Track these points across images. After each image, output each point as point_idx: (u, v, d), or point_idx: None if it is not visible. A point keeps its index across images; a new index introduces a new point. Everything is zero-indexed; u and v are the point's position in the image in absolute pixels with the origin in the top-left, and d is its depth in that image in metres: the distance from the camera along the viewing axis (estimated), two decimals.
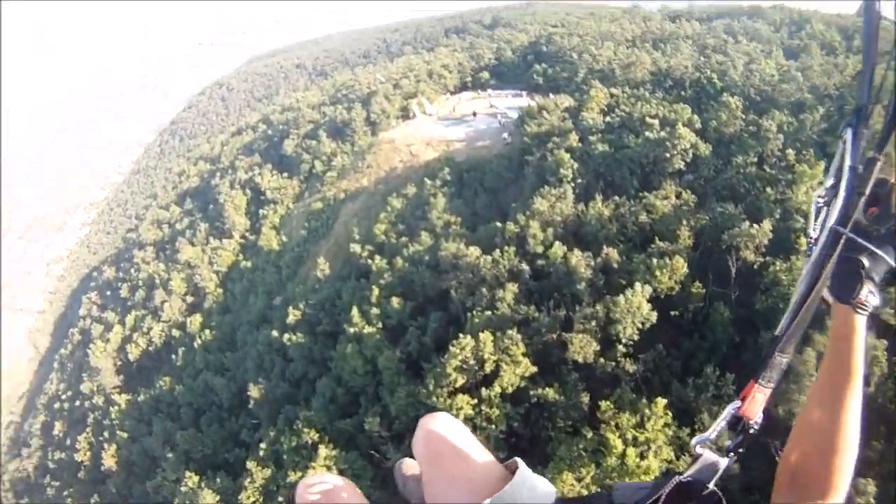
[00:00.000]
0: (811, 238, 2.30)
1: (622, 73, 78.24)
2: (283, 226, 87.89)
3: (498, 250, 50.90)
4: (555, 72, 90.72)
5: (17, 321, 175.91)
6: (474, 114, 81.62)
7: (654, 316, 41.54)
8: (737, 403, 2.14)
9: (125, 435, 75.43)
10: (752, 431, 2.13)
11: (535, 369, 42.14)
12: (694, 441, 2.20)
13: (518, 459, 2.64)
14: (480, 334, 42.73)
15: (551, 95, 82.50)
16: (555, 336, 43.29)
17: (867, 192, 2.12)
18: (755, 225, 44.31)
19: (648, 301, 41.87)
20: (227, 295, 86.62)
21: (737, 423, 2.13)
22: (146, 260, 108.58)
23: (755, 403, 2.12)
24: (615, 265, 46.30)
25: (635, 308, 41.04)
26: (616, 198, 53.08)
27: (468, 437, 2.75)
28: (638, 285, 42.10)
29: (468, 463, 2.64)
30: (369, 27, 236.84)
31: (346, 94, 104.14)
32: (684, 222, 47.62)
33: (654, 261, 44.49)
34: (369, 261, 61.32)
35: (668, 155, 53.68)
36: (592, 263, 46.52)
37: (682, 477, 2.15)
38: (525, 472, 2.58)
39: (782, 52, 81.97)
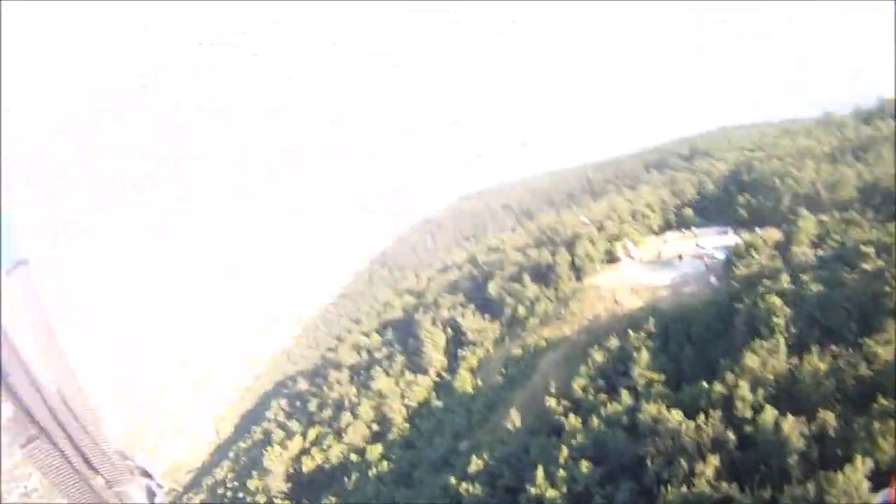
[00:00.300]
0: None
1: (828, 194, 71.94)
2: (480, 369, 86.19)
3: (702, 414, 45.25)
4: (758, 202, 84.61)
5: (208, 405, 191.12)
6: (680, 257, 77.51)
7: (875, 499, 33.53)
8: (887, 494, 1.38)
9: None
10: None
11: None
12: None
13: None
14: None
15: (758, 230, 76.40)
16: None
17: None
18: None
19: (869, 478, 33.48)
20: (413, 430, 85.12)
21: None
22: (340, 381, 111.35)
23: None
24: (832, 432, 39.07)
25: (853, 488, 33.48)
26: (833, 346, 45.91)
27: None
28: (858, 458, 34.48)
29: None
30: (572, 166, 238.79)
31: (551, 236, 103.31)
32: None
33: (876, 425, 37.02)
34: (563, 418, 57.25)
35: (887, 289, 45.73)
36: (806, 431, 39.63)
37: None
38: None
39: None
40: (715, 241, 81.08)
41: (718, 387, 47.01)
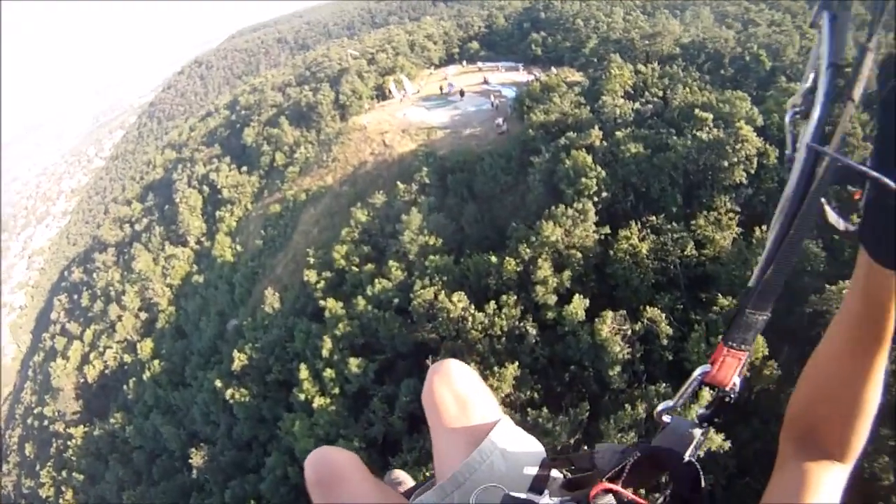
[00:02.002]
0: (790, 161, 1.68)
1: (644, 44, 60.42)
2: (239, 231, 71.56)
3: (493, 302, 34.72)
4: (555, 41, 72.72)
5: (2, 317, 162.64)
6: (461, 93, 63.45)
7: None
8: (705, 368, 1.79)
9: (81, 477, 64.32)
10: (728, 400, 1.82)
11: None
12: (659, 408, 1.95)
13: (503, 417, 2.46)
14: None
15: (554, 69, 65.54)
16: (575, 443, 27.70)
17: (856, 96, 1.38)
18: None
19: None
20: (181, 314, 71.14)
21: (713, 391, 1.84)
22: (106, 265, 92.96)
23: (726, 368, 1.75)
24: (664, 338, 30.27)
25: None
26: (653, 219, 36.73)
27: (477, 387, 2.53)
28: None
29: (469, 416, 2.44)
30: None
31: (315, 72, 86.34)
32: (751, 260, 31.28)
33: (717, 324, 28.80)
34: (322, 301, 45.17)
35: (726, 163, 36.78)
36: (629, 331, 30.48)
37: (646, 446, 1.93)
38: (498, 435, 2.36)
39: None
40: (503, 77, 68.45)
41: (512, 263, 36.04)
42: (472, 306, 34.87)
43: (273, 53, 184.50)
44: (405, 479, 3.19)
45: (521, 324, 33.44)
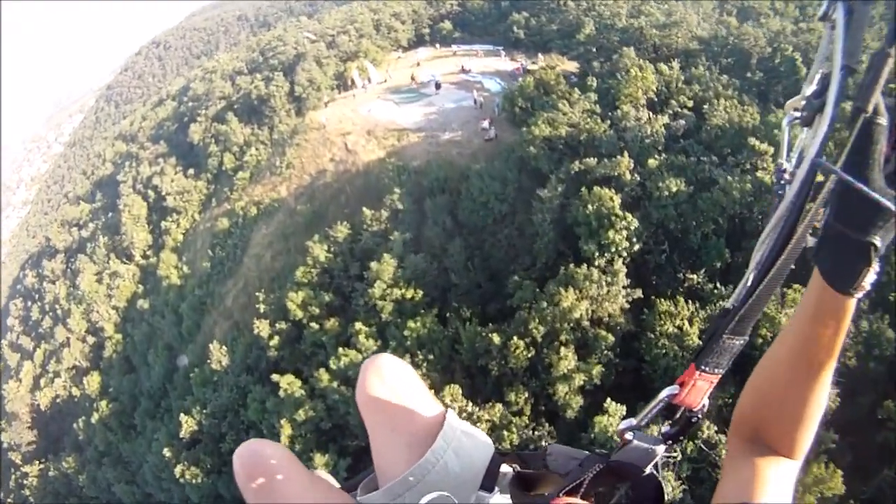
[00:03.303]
0: (782, 171, 1.60)
1: (655, 37, 48.04)
2: (186, 247, 59.89)
3: (499, 406, 24.26)
4: (540, 23, 60.53)
5: None
6: (437, 85, 51.68)
7: None
8: (673, 389, 1.65)
9: None
10: (694, 420, 1.70)
11: None
12: (621, 427, 1.80)
13: (447, 411, 2.29)
14: None
15: (541, 56, 54.31)
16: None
17: (870, 108, 1.14)
18: None
19: None
20: (127, 343, 60.56)
21: (674, 411, 1.70)
22: (55, 273, 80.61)
23: (696, 392, 1.63)
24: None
25: None
26: (694, 277, 26.80)
27: (413, 383, 2.32)
28: None
29: (409, 413, 2.26)
30: None
31: (269, 58, 73.52)
32: None
33: None
34: (276, 376, 34.37)
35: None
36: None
37: (607, 461, 1.84)
38: (448, 433, 2.20)
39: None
40: (483, 64, 56.65)
41: (521, 347, 25.57)
42: (470, 403, 24.44)
43: (233, 32, 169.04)
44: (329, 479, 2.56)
45: (535, 432, 23.21)
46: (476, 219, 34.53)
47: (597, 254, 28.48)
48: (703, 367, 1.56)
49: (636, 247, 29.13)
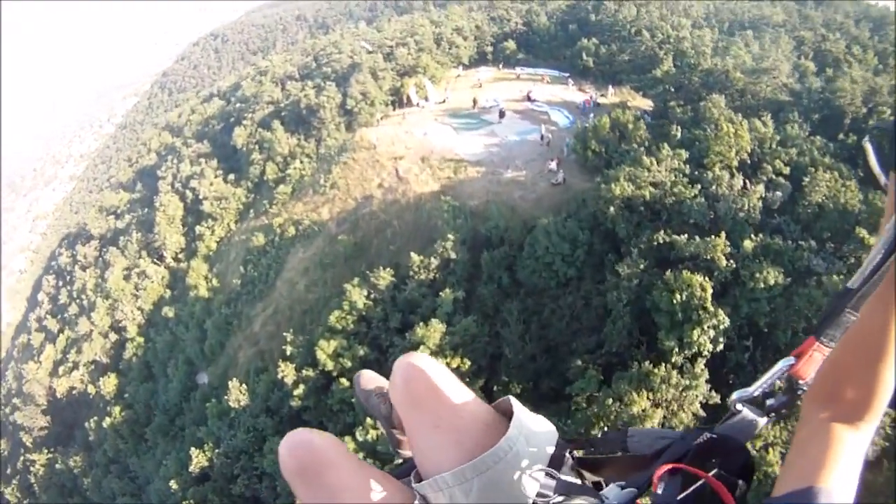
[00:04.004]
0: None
1: (741, 81, 42.32)
2: (218, 258, 56.29)
3: None
4: (610, 52, 55.58)
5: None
6: (502, 114, 47.06)
7: None
8: (790, 360, 1.75)
9: None
10: (800, 392, 1.75)
11: None
12: (734, 396, 1.84)
13: (511, 399, 2.16)
14: None
15: (611, 89, 49.72)
16: None
17: None
18: None
19: None
20: (149, 349, 57.32)
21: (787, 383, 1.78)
22: (87, 259, 78.32)
23: (811, 363, 1.71)
24: None
25: None
26: None
27: (451, 379, 2.20)
28: None
29: (454, 407, 2.13)
30: None
31: (322, 65, 69.76)
32: None
33: None
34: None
35: None
36: None
37: (714, 433, 1.79)
38: (521, 419, 2.10)
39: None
40: (549, 93, 51.68)
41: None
42: None
43: (291, 31, 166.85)
44: (381, 382, 2.63)
45: None
46: (537, 279, 30.17)
47: (676, 349, 23.97)
48: (822, 339, 1.66)
49: (720, 346, 24.56)
